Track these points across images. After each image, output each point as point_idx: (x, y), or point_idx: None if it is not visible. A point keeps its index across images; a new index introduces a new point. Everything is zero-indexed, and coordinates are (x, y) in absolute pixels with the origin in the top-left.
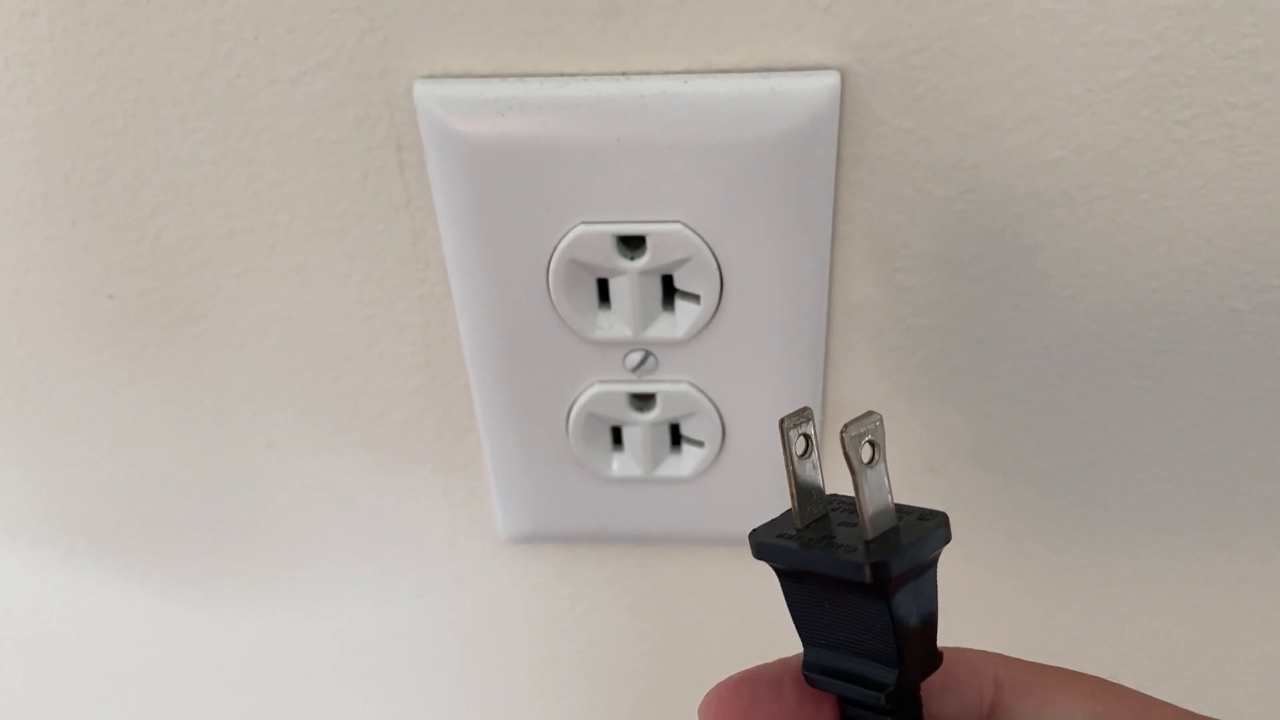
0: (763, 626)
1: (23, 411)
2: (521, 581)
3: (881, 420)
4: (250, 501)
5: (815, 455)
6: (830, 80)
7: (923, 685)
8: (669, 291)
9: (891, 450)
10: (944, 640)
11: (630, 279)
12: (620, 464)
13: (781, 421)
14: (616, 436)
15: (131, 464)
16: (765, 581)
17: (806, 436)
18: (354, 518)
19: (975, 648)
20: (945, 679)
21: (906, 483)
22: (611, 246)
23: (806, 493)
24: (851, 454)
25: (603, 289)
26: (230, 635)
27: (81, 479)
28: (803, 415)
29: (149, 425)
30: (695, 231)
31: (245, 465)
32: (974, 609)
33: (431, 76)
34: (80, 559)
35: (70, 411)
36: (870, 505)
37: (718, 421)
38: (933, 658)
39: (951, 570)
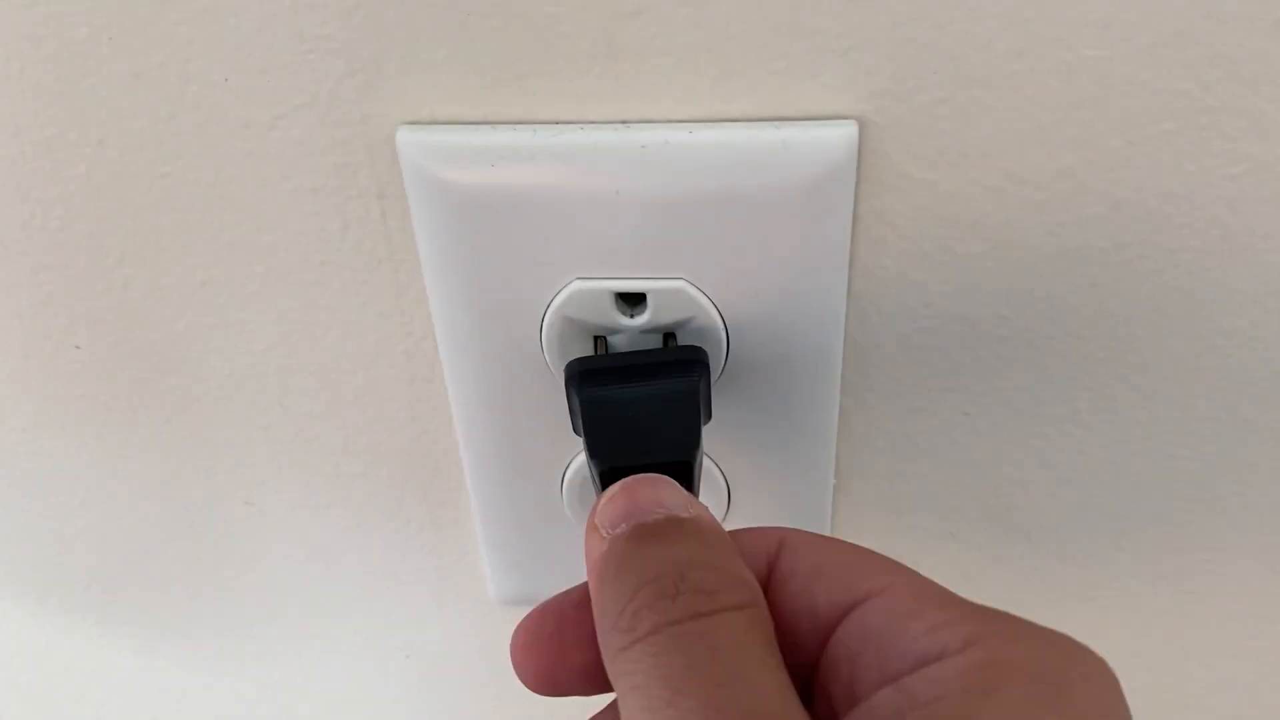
0: None
1: None
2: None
3: None
4: (228, 559)
5: None
6: (848, 131)
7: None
8: None
9: (911, 515)
10: None
11: (629, 337)
12: None
13: None
14: None
15: (103, 518)
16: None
17: None
18: (337, 576)
19: None
20: (737, 538)
21: (925, 548)
22: (609, 303)
23: None
24: None
25: (599, 347)
26: (208, 695)
27: (51, 533)
28: None
29: (121, 479)
30: (700, 289)
31: (222, 522)
32: None
33: (416, 123)
34: (50, 615)
35: (38, 464)
36: None
37: (723, 486)
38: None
39: None
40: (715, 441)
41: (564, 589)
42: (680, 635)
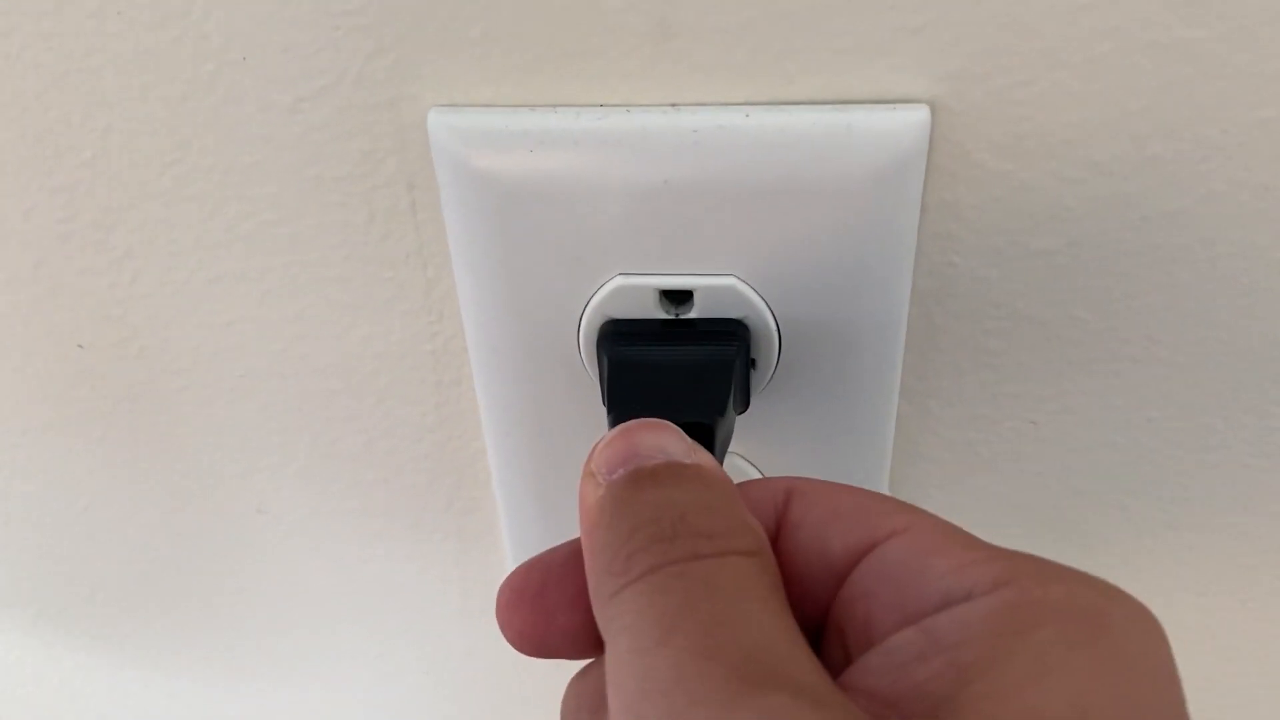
0: None
1: None
2: (539, 660)
3: None
4: (238, 569)
5: None
6: (919, 115)
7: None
8: None
9: (969, 527)
10: None
11: None
12: None
13: None
14: None
15: (107, 525)
16: None
17: None
18: (354, 589)
19: None
20: (743, 490)
21: None
22: (653, 301)
23: None
24: None
25: None
26: (216, 711)
27: (53, 540)
28: None
29: (126, 485)
30: (752, 287)
31: (233, 530)
32: None
33: (449, 105)
34: (51, 624)
35: (39, 468)
36: None
37: None
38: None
39: None
40: (762, 447)
41: None
42: (677, 575)
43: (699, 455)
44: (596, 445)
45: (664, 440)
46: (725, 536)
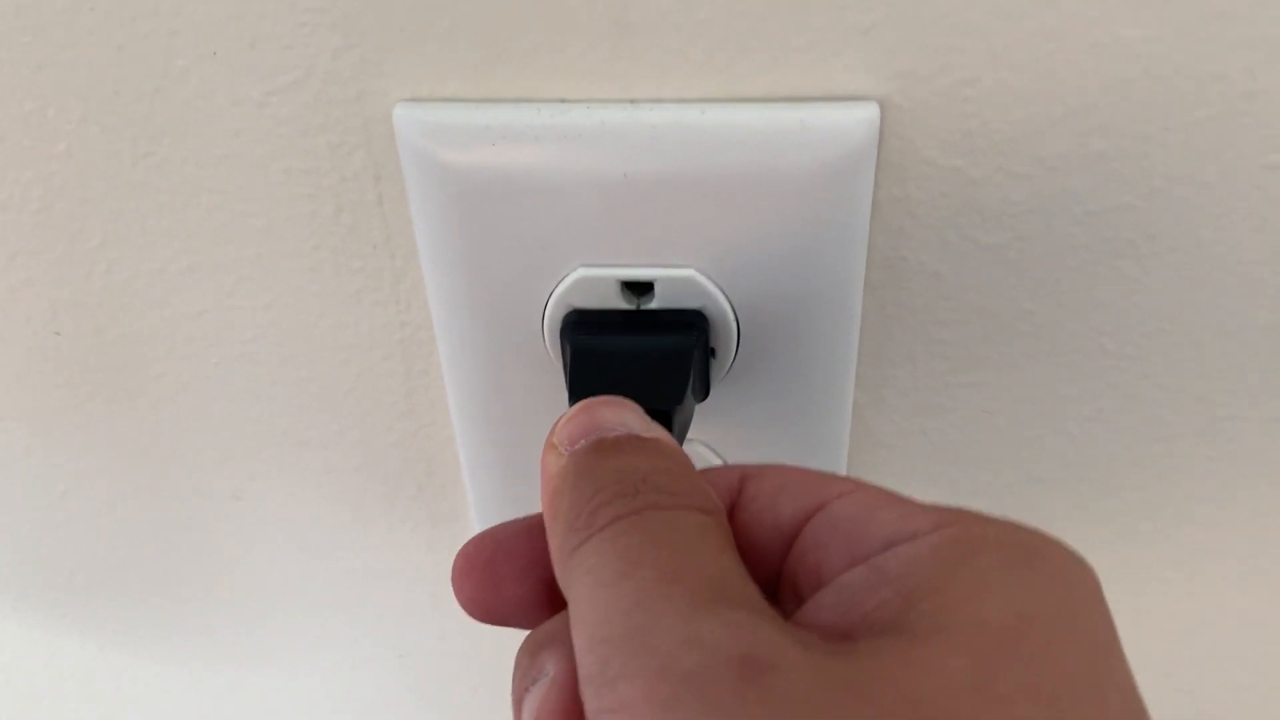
0: None
1: None
2: (513, 643)
3: None
4: (214, 554)
5: None
6: (868, 112)
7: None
8: None
9: None
10: None
11: None
12: None
13: None
14: None
15: (85, 510)
16: None
17: None
18: (329, 574)
19: None
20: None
21: None
22: (615, 292)
23: None
24: None
25: None
26: (192, 694)
27: (30, 527)
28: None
29: (103, 471)
30: (710, 278)
31: (210, 516)
32: None
33: (415, 100)
34: (29, 611)
35: (16, 455)
36: None
37: None
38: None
39: None
40: (722, 435)
41: None
42: (640, 521)
43: (657, 430)
44: (558, 421)
45: (624, 415)
46: (685, 495)
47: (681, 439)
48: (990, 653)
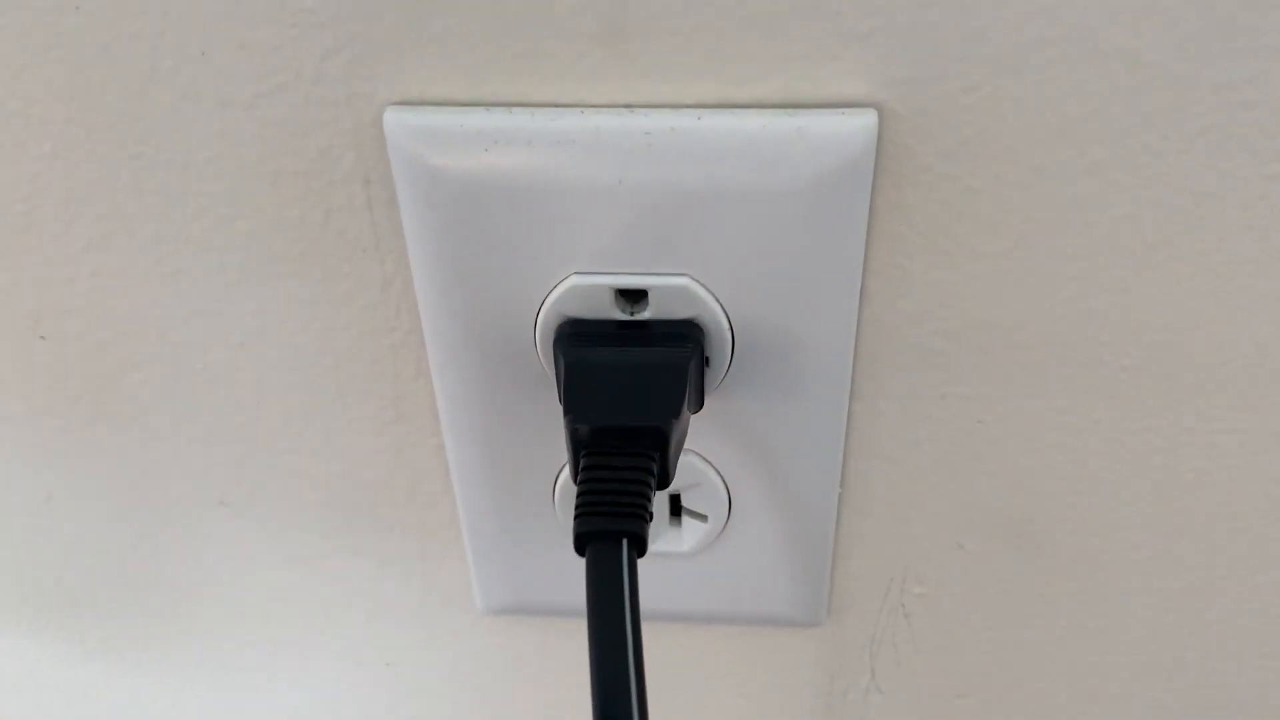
0: (765, 707)
1: None
2: (500, 653)
3: None
4: (200, 561)
5: None
6: (867, 120)
7: None
8: None
9: (918, 525)
10: None
11: None
12: None
13: None
14: None
15: (69, 517)
16: (769, 660)
17: None
18: (315, 581)
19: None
20: None
21: (930, 559)
22: (609, 300)
23: None
24: None
25: None
26: (176, 704)
27: (14, 531)
28: None
29: (89, 476)
30: (705, 286)
31: (195, 522)
32: (1003, 695)
33: (405, 103)
34: (13, 617)
35: (0, 460)
36: None
37: (724, 494)
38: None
39: (979, 660)
40: (717, 446)
41: (552, 599)
42: None
43: None
44: None
45: None
46: None
47: (678, 453)
48: None
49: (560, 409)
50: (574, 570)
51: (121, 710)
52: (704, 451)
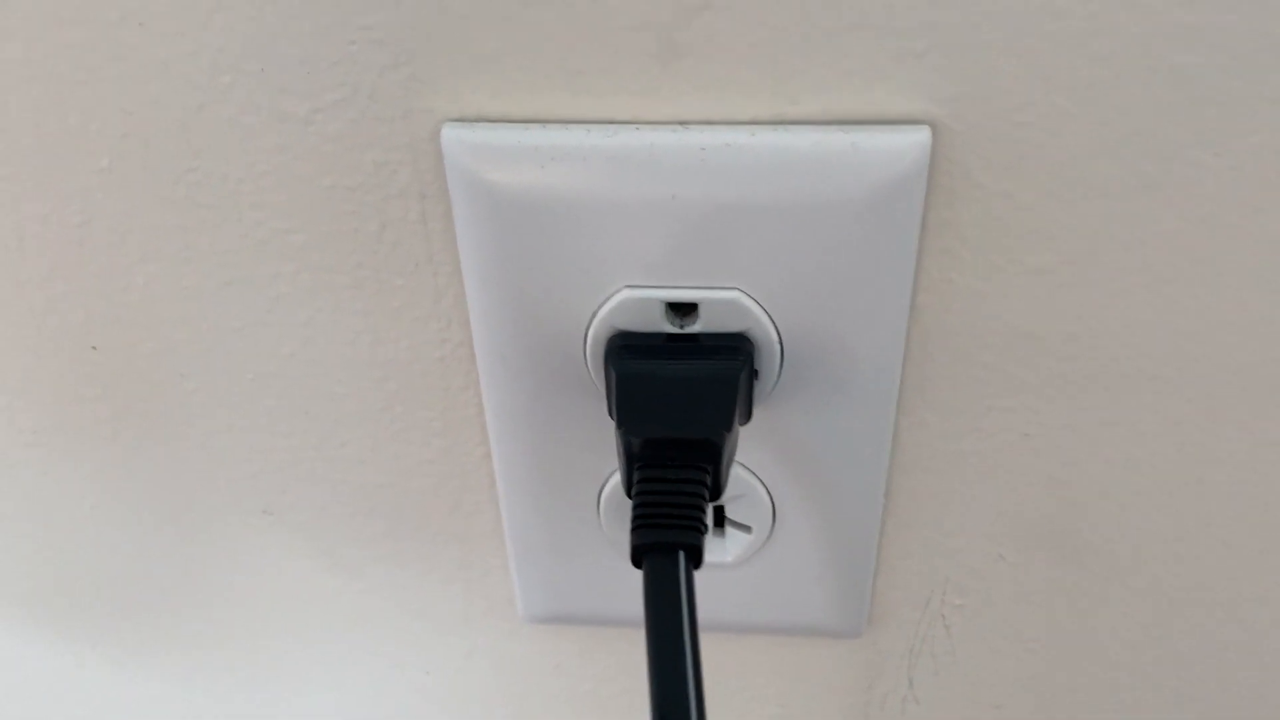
0: (801, 714)
1: None
2: (541, 661)
3: None
4: (242, 568)
5: None
6: (920, 136)
7: None
8: None
9: (960, 536)
10: None
11: None
12: None
13: None
14: None
15: (113, 524)
16: (805, 668)
17: None
18: (357, 589)
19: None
20: None
21: (972, 570)
22: (659, 313)
23: None
24: None
25: None
26: (217, 707)
27: (57, 540)
28: None
29: (134, 485)
30: (755, 300)
31: (238, 530)
32: (1041, 707)
33: (462, 120)
34: (55, 624)
35: (48, 468)
36: None
37: (768, 505)
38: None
39: (1018, 671)
40: (762, 457)
41: (594, 609)
42: None
43: None
44: None
45: None
46: None
47: (729, 465)
48: None
49: (607, 420)
50: (616, 580)
51: (159, 715)
52: (749, 463)
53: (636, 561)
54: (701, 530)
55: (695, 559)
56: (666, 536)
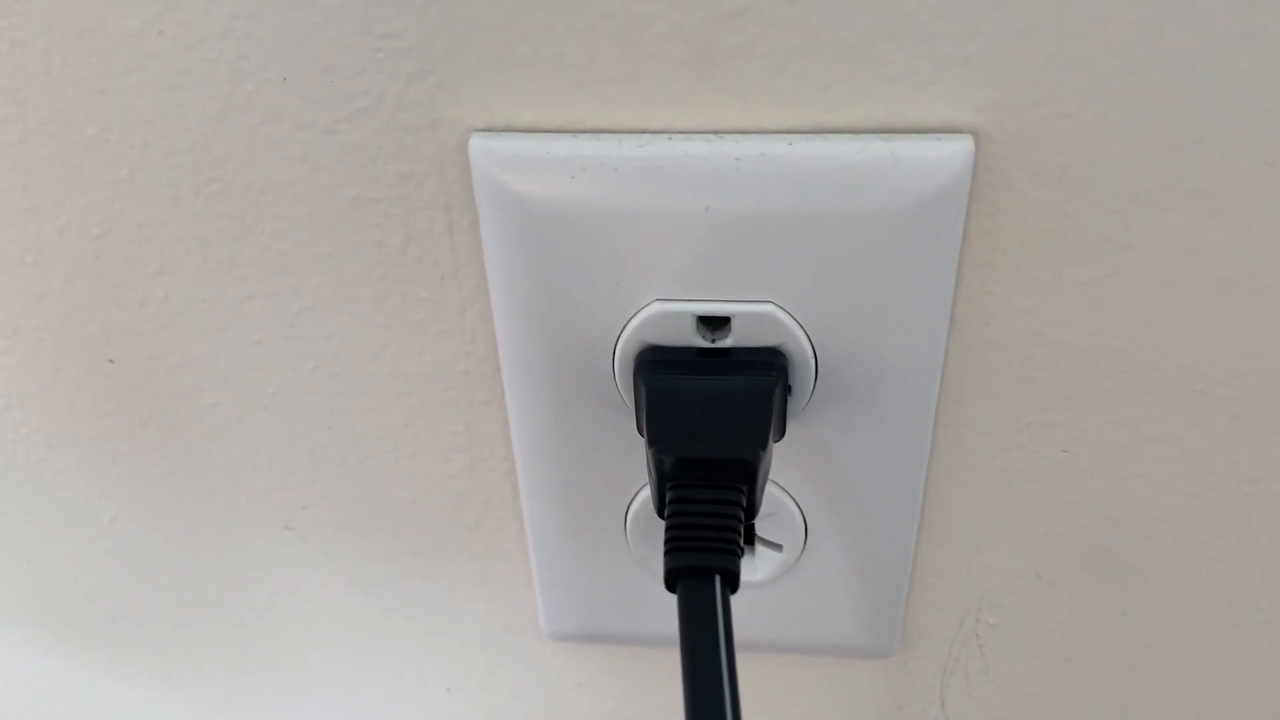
0: None
1: (9, 480)
2: (564, 679)
3: None
4: (263, 584)
5: None
6: (963, 145)
7: None
8: None
9: (995, 554)
10: None
11: None
12: None
13: None
14: None
15: (132, 540)
16: (836, 686)
17: None
18: (378, 605)
19: None
20: None
21: (1007, 589)
22: (691, 327)
23: None
24: None
25: None
26: None
27: (75, 554)
28: None
29: (153, 498)
30: (790, 313)
31: (259, 546)
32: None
33: (490, 130)
34: (72, 639)
35: (65, 482)
36: None
37: (800, 523)
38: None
39: (1054, 692)
40: (794, 474)
41: (618, 627)
42: None
43: None
44: None
45: None
46: None
47: (764, 486)
48: None
49: (634, 435)
50: (642, 598)
51: None
52: (781, 479)
53: (671, 585)
54: (738, 554)
55: (732, 584)
56: (702, 560)
